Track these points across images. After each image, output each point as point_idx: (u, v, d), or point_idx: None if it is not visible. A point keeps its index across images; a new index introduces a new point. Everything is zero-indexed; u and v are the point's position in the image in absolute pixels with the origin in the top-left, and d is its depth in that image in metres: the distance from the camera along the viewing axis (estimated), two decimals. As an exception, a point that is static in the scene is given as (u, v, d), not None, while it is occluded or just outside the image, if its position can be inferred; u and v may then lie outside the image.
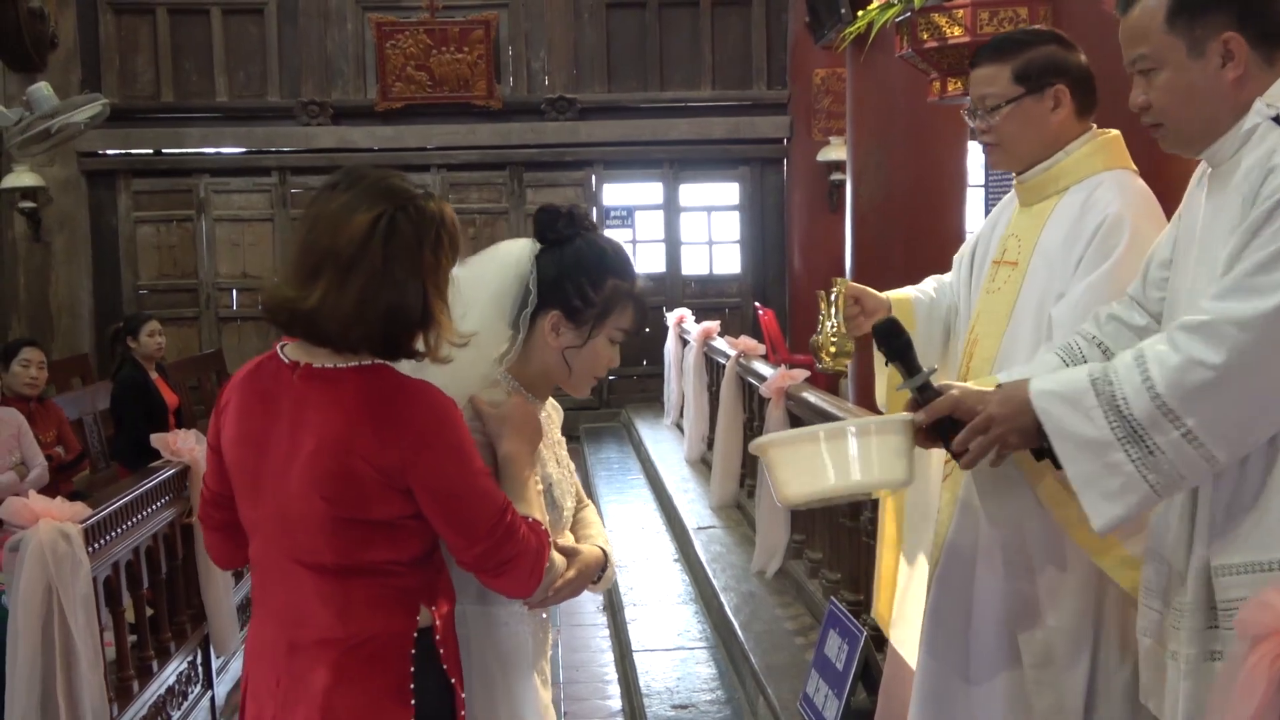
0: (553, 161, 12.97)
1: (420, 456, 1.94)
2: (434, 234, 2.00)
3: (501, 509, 2.00)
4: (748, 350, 7.51)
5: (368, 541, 1.99)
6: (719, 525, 7.29)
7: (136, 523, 4.44)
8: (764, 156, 13.18)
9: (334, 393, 1.98)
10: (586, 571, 2.31)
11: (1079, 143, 2.71)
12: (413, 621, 2.04)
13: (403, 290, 1.96)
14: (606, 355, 2.31)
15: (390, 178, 2.03)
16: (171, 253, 12.79)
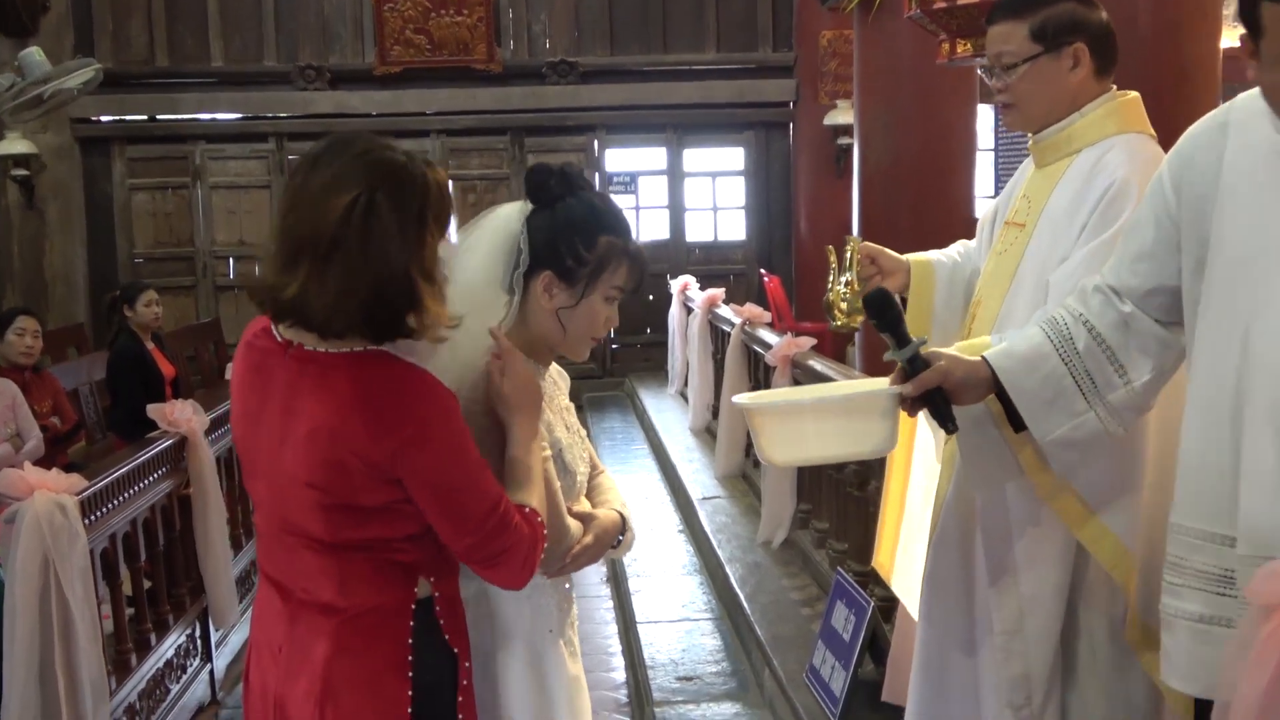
0: (554, 126, 12.92)
1: (412, 453, 1.92)
2: (417, 211, 1.96)
3: (495, 502, 1.98)
4: (753, 318, 7.49)
5: (361, 522, 1.98)
6: (724, 495, 7.30)
7: (133, 494, 4.44)
8: (769, 120, 13.13)
9: (326, 380, 1.96)
10: (604, 536, 2.31)
11: (1095, 104, 2.67)
12: (410, 594, 2.04)
13: (385, 275, 1.92)
14: (603, 315, 2.30)
15: (373, 150, 1.98)
16: (167, 220, 12.77)
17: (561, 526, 2.20)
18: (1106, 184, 2.54)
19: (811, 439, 2.38)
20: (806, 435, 2.38)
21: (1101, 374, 2.31)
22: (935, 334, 2.94)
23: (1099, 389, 2.31)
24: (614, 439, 10.07)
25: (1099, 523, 2.51)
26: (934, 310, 3.01)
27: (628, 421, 10.88)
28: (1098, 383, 2.31)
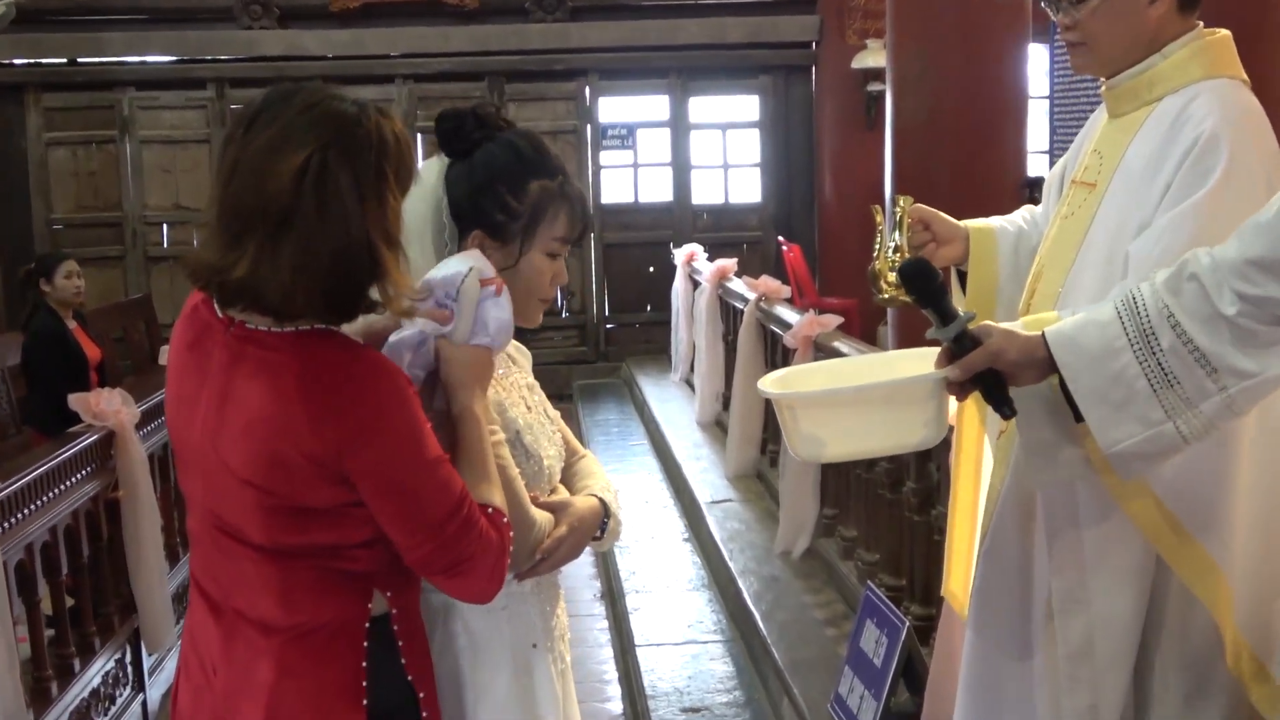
0: (539, 71, 12.90)
1: (359, 446, 1.92)
2: (374, 168, 1.96)
3: (457, 503, 1.99)
4: (770, 293, 7.49)
5: (305, 527, 1.98)
6: (736, 498, 7.31)
7: (53, 498, 4.44)
8: (788, 64, 13.10)
9: (267, 363, 1.96)
10: (581, 526, 2.31)
11: (1178, 44, 2.64)
12: (363, 609, 2.04)
13: (345, 246, 1.93)
14: (547, 272, 2.30)
15: (319, 102, 1.98)
16: (91, 180, 12.75)
17: (524, 519, 2.19)
18: (1193, 137, 2.50)
19: (851, 432, 2.37)
20: (845, 428, 2.38)
21: (1191, 379, 2.24)
22: (1000, 314, 2.90)
23: (1187, 398, 2.25)
24: (609, 433, 10.08)
25: (1183, 531, 2.47)
26: (998, 285, 2.99)
27: (625, 413, 10.89)
28: (1186, 389, 2.25)
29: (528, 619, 2.30)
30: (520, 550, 2.19)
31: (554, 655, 2.34)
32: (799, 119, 13.20)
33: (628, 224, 13.16)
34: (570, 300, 12.97)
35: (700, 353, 9.33)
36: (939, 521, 4.27)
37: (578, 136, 13.05)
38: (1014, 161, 7.99)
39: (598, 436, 9.91)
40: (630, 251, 13.10)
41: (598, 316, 13.13)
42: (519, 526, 2.17)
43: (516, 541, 2.16)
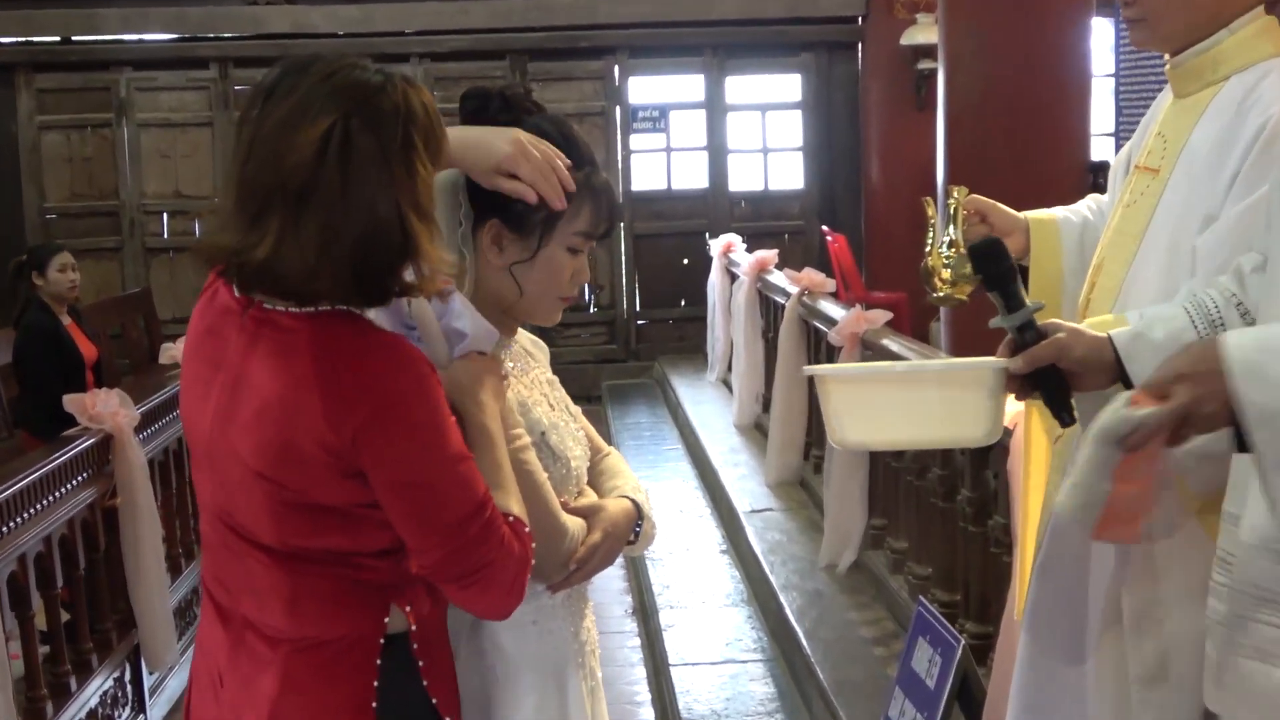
0: (565, 48, 12.91)
1: (375, 437, 1.93)
2: (401, 136, 1.97)
3: (478, 505, 1.98)
4: (813, 286, 7.48)
5: (317, 528, 1.99)
6: (777, 508, 7.31)
7: (47, 506, 4.47)
8: (832, 40, 13.08)
9: (283, 346, 1.97)
10: (616, 531, 2.32)
11: (1246, 19, 2.63)
12: (379, 624, 2.05)
13: (374, 220, 1.93)
14: (567, 268, 2.31)
15: (339, 70, 1.98)
16: (86, 167, 12.82)
17: (555, 527, 2.21)
18: (1260, 121, 2.48)
19: (897, 417, 2.38)
20: (891, 412, 2.38)
21: None
22: (1064, 312, 2.89)
23: None
24: (640, 437, 10.09)
25: None
26: (1062, 281, 2.99)
27: (657, 416, 10.90)
28: None
29: (559, 634, 2.31)
30: (552, 560, 2.20)
31: (585, 672, 2.35)
32: (844, 99, 13.18)
33: (660, 213, 13.16)
34: (598, 294, 12.99)
35: (738, 351, 9.32)
36: (995, 532, 4.26)
37: (606, 119, 13.05)
38: (1076, 145, 7.96)
39: (628, 440, 9.91)
40: (663, 242, 13.10)
41: (628, 312, 13.13)
42: (551, 535, 2.18)
43: (548, 551, 2.17)
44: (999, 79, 7.65)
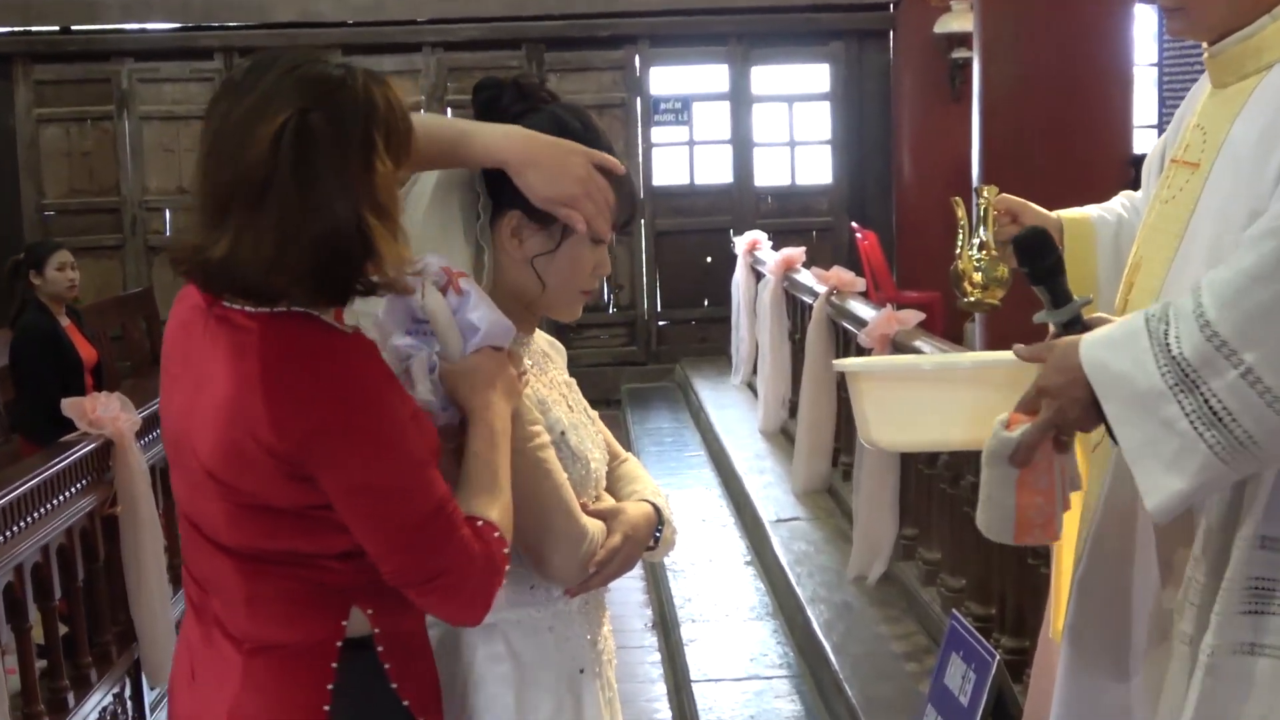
0: (583, 37, 12.92)
1: (325, 443, 1.96)
2: (360, 132, 2.00)
3: (435, 508, 2.00)
4: (842, 285, 7.47)
5: (273, 531, 2.02)
6: (804, 517, 7.30)
7: (45, 514, 4.48)
8: (863, 28, 13.08)
9: (237, 347, 2.00)
10: (636, 534, 2.34)
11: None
12: (337, 628, 2.07)
13: (329, 215, 1.96)
14: (589, 260, 2.32)
15: (301, 64, 2.02)
16: (85, 161, 12.87)
17: (575, 529, 2.23)
18: None
19: (930, 416, 2.38)
20: (924, 410, 2.38)
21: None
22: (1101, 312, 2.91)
23: None
24: (661, 444, 10.09)
25: None
26: (1097, 282, 2.98)
27: (679, 421, 10.90)
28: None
29: (576, 641, 2.32)
30: (571, 563, 2.22)
31: (602, 681, 2.36)
32: (874, 90, 13.17)
33: (682, 209, 13.16)
34: (617, 294, 12.99)
35: (764, 353, 9.32)
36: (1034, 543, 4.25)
37: (626, 111, 13.06)
38: (1118, 137, 7.94)
39: (649, 447, 9.91)
40: (685, 239, 13.10)
41: (648, 312, 13.13)
42: (570, 537, 2.21)
43: (567, 553, 2.21)
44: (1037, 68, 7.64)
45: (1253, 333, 1.95)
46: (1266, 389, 1.94)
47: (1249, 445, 2.00)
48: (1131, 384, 2.07)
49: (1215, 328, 1.98)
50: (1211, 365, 1.98)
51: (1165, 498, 2.07)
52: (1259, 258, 1.96)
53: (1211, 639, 2.11)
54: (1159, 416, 2.04)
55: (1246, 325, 1.95)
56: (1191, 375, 2.00)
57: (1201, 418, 2.00)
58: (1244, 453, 2.01)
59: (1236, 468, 2.03)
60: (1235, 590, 2.10)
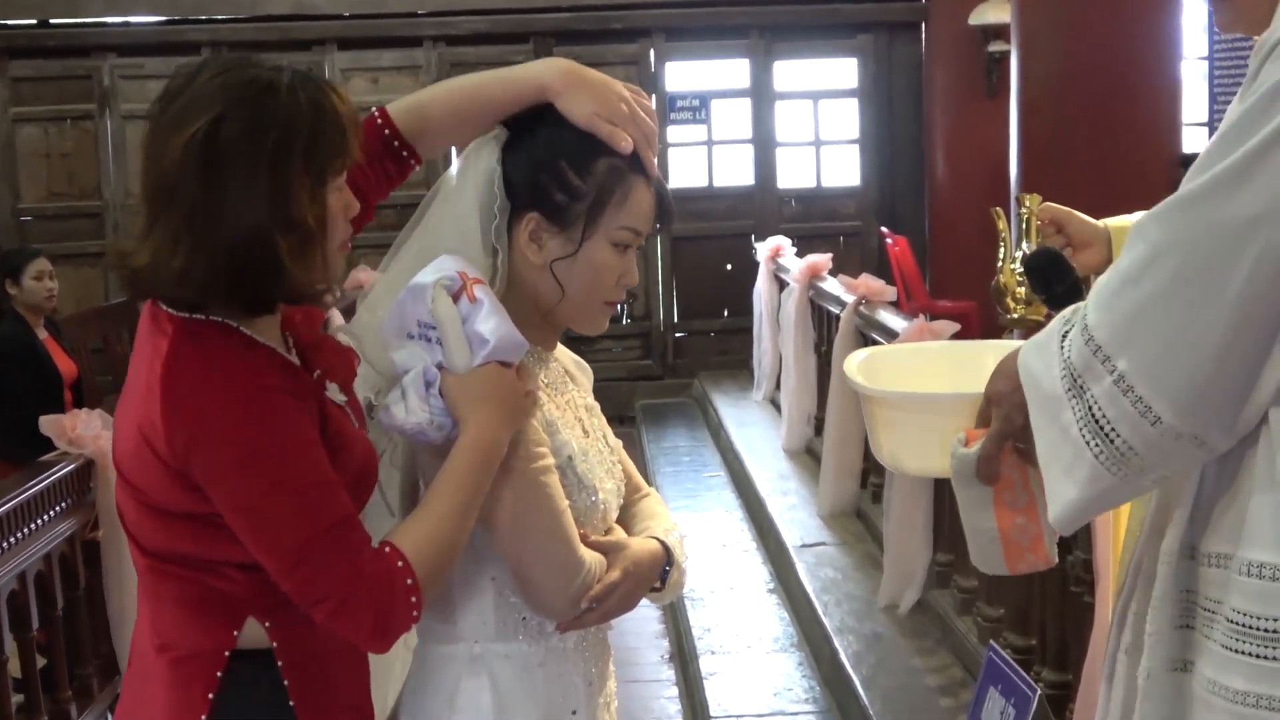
0: (594, 30, 12.95)
1: (207, 452, 2.01)
2: (274, 143, 2.04)
3: (319, 531, 2.03)
4: (871, 294, 7.47)
5: (171, 533, 2.09)
6: (831, 542, 7.30)
7: (22, 539, 4.49)
8: (892, 20, 13.10)
9: (155, 348, 2.08)
10: (638, 572, 2.33)
11: None
12: (228, 637, 2.11)
13: (235, 228, 2.02)
14: (614, 266, 2.32)
15: (234, 69, 2.08)
16: (65, 163, 12.90)
17: (569, 559, 2.22)
18: None
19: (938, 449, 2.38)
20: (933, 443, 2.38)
21: None
22: None
23: None
24: (678, 463, 10.09)
25: None
26: None
27: (697, 439, 10.90)
28: None
29: (568, 680, 2.31)
30: (562, 595, 2.22)
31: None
32: (905, 86, 13.18)
33: (700, 213, 13.16)
34: (632, 304, 12.99)
35: (788, 366, 9.32)
36: (1075, 569, 4.25)
37: (640, 108, 13.05)
38: (1166, 136, 7.94)
39: (665, 467, 9.91)
40: (704, 245, 13.11)
41: (665, 323, 13.15)
42: (563, 567, 2.21)
43: (559, 585, 2.21)
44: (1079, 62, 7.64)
45: (1123, 337, 1.96)
46: (1138, 398, 1.94)
47: (1130, 457, 1.99)
48: (1041, 387, 2.09)
49: (1092, 331, 1.99)
50: (1091, 370, 1.99)
51: (1061, 507, 2.08)
52: (1131, 258, 1.97)
53: (1146, 660, 2.11)
54: (1059, 422, 2.05)
55: (1118, 329, 1.96)
56: (1079, 380, 2.01)
57: (1087, 425, 2.01)
58: (1128, 464, 2.01)
59: (1127, 480, 2.03)
60: (1167, 604, 2.10)
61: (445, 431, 2.14)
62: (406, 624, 2.09)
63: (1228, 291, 1.87)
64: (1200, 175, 1.95)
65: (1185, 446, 1.95)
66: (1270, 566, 1.92)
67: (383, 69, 12.83)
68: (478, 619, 2.27)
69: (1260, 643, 1.91)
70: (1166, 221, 1.94)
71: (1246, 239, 1.85)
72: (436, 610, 2.26)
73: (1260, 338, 1.89)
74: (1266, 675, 1.90)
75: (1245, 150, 1.88)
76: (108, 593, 5.14)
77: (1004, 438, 2.22)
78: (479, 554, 2.24)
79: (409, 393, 2.13)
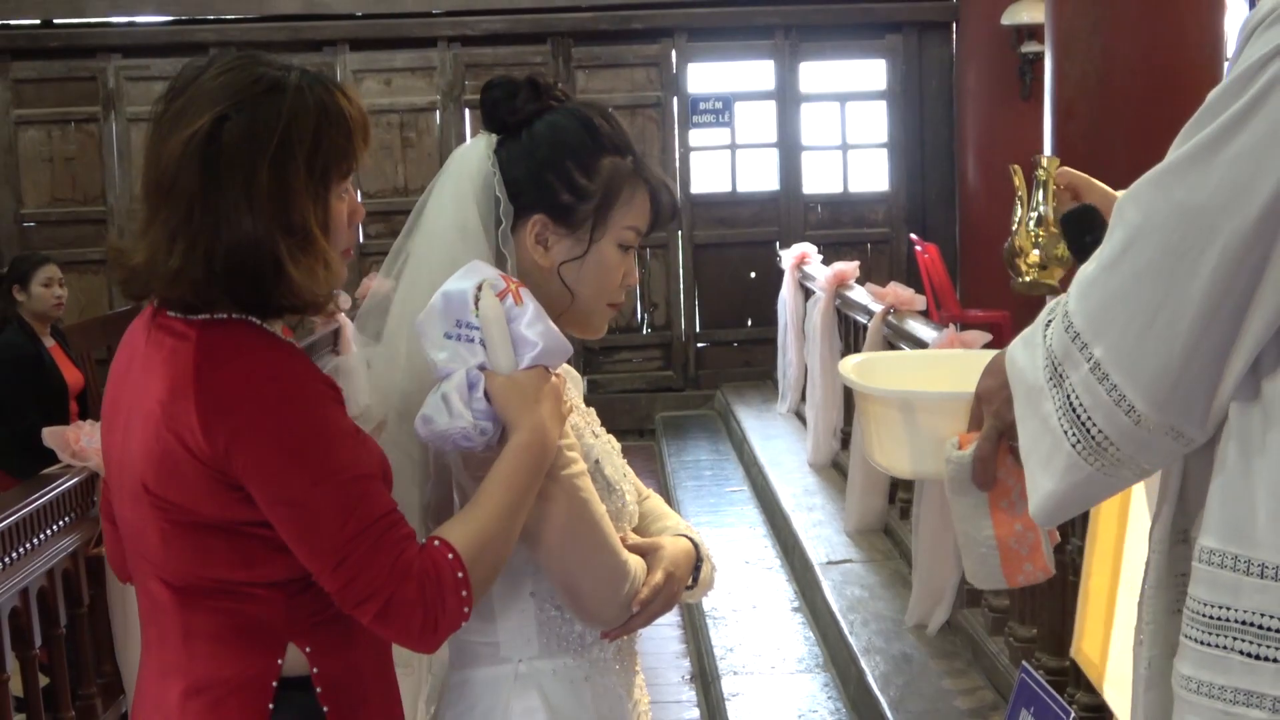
0: (614, 30, 12.96)
1: (245, 448, 2.01)
2: (275, 143, 2.05)
3: (366, 524, 2.04)
4: (900, 303, 7.47)
5: (206, 552, 2.08)
6: (858, 559, 7.30)
7: (25, 554, 4.50)
8: (923, 19, 13.09)
9: (173, 354, 2.08)
10: (678, 571, 2.36)
11: None
12: (272, 665, 2.11)
13: (235, 230, 2.03)
14: (619, 267, 2.35)
15: (239, 66, 2.09)
16: (69, 167, 12.93)
17: (618, 564, 2.25)
18: None
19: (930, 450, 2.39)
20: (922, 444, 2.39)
21: None
22: None
23: None
24: (699, 478, 10.10)
25: None
26: None
27: (720, 453, 10.91)
28: None
29: (613, 693, 2.34)
30: (614, 602, 2.25)
31: None
32: (936, 88, 13.17)
33: (724, 219, 13.17)
34: (652, 313, 13.00)
35: (814, 378, 9.31)
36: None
37: (661, 111, 13.09)
38: (1206, 137, 7.91)
39: (686, 481, 9.92)
40: (727, 253, 13.11)
41: (686, 333, 13.14)
42: (614, 574, 2.23)
43: (610, 592, 2.24)
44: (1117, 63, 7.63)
45: (1099, 323, 1.97)
46: (1113, 386, 1.95)
47: (1106, 447, 2.01)
48: (1024, 377, 2.12)
49: (1072, 318, 2.01)
50: (1070, 358, 2.01)
51: (1039, 499, 2.10)
52: (1110, 246, 1.98)
53: (1147, 650, 2.12)
54: (1040, 412, 2.07)
55: (1094, 315, 1.98)
56: (1059, 369, 2.03)
57: (1066, 414, 2.02)
58: (1104, 454, 2.02)
59: (1105, 471, 2.04)
60: (1161, 591, 2.11)
61: (488, 436, 2.14)
62: (456, 621, 2.09)
63: (1197, 280, 1.88)
64: (1174, 151, 1.97)
65: (1161, 438, 1.97)
66: (1219, 553, 1.94)
67: (396, 70, 12.85)
68: (520, 636, 2.28)
69: (1204, 629, 1.93)
70: (1141, 201, 1.96)
71: (1215, 227, 1.87)
72: (477, 630, 2.28)
73: (1229, 332, 1.90)
74: (1208, 662, 1.92)
75: (1213, 129, 1.90)
76: (112, 610, 5.14)
77: (997, 435, 2.24)
78: (515, 569, 2.25)
79: (451, 397, 2.13)
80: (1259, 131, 1.87)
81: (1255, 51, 1.90)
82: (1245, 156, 1.87)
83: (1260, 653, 1.87)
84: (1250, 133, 1.87)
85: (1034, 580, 2.40)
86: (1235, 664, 1.89)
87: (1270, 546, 1.88)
